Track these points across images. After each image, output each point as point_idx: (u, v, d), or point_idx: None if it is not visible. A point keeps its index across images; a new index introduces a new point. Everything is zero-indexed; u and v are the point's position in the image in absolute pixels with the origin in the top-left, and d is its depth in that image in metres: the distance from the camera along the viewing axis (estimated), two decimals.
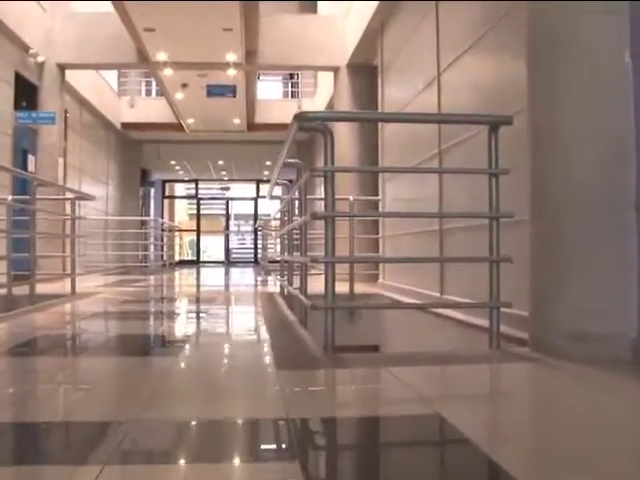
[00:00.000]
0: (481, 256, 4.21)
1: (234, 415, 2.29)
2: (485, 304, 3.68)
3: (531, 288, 3.52)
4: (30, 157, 10.83)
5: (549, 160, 3.38)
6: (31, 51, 10.57)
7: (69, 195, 8.33)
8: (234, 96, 13.56)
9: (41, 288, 8.90)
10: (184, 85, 13.85)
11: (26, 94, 10.71)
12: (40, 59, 10.93)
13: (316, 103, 16.92)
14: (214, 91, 13.07)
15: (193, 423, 2.19)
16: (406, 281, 7.64)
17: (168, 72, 12.53)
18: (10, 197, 6.61)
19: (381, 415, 2.40)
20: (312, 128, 3.67)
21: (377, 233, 9.47)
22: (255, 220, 24.27)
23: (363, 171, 10.90)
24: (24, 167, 10.32)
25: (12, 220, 7.27)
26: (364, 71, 11.37)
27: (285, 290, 7.70)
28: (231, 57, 11.78)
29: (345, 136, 10.78)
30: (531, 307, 3.52)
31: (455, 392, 2.79)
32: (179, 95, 14.72)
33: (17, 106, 10.22)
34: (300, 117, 3.48)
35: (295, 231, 6.41)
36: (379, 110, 9.43)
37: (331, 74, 12.42)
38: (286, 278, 6.96)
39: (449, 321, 5.15)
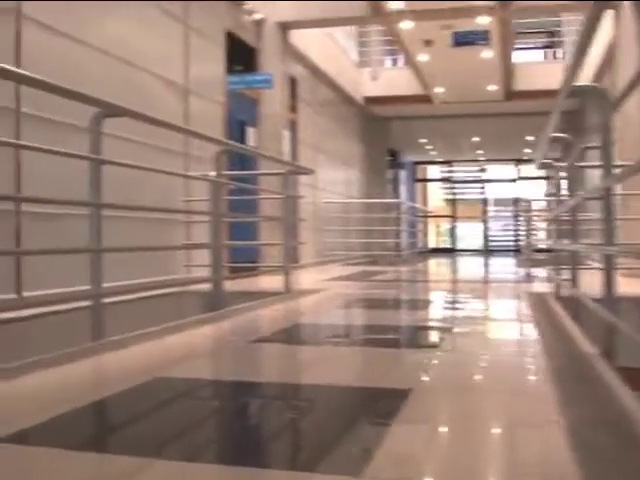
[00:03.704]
0: None
1: None
2: None
3: None
4: (249, 129, 9.49)
5: None
6: (245, 7, 9.15)
7: (280, 170, 6.78)
8: (487, 44, 11.24)
9: (256, 283, 7.57)
10: (428, 42, 11.81)
11: (241, 57, 9.36)
12: (257, 17, 9.51)
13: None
14: (462, 39, 10.86)
15: None
16: None
17: (407, 25, 10.59)
18: (213, 173, 5.00)
19: None
20: None
21: None
22: (515, 204, 21.96)
23: None
24: (242, 140, 8.99)
25: (224, 201, 5.91)
26: None
27: (561, 291, 5.52)
28: None
29: None
30: None
31: None
32: (423, 57, 12.71)
33: (231, 71, 8.87)
34: None
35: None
36: None
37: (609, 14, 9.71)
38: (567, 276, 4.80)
39: None
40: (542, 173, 22.62)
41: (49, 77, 2.97)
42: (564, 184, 5.74)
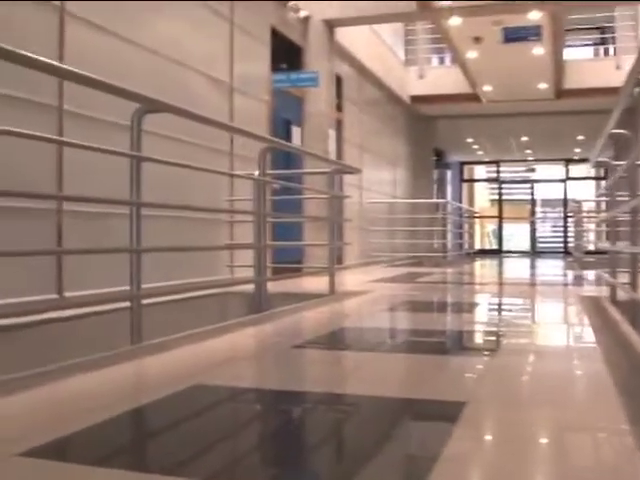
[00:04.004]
0: None
1: None
2: None
3: None
4: (294, 128, 9.38)
5: None
6: (290, 4, 9.04)
7: (325, 169, 6.66)
8: (539, 39, 10.93)
9: (300, 284, 7.43)
10: (477, 39, 11.56)
11: (287, 55, 9.25)
12: (303, 14, 9.39)
13: None
14: (512, 35, 10.57)
15: None
16: None
17: (455, 22, 10.37)
18: (256, 172, 4.88)
19: None
20: None
21: None
22: (565, 205, 21.51)
23: None
24: (287, 139, 8.87)
25: (268, 200, 5.79)
26: None
27: (618, 294, 5.29)
28: None
29: None
30: None
31: None
32: (472, 54, 12.45)
33: (276, 69, 8.76)
34: None
35: None
36: None
37: None
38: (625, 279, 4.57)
39: None
40: (592, 173, 22.16)
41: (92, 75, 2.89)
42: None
